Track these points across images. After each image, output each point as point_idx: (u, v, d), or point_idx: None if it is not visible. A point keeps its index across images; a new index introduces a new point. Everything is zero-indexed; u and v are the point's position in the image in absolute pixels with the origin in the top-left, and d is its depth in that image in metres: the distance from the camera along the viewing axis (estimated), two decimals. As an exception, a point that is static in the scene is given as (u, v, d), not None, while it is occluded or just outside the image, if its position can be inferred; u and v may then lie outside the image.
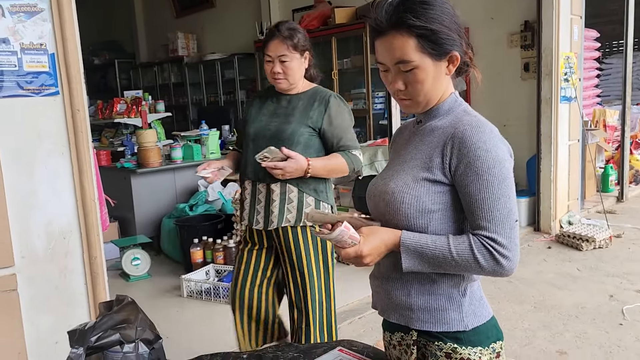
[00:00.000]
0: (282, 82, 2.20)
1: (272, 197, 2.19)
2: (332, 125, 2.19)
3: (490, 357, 1.25)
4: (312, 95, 2.24)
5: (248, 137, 2.26)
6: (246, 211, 2.29)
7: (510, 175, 1.20)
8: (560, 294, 3.64)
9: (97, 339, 1.14)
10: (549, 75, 4.78)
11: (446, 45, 1.20)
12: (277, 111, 2.24)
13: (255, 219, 2.25)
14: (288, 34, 2.17)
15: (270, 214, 2.21)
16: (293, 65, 2.18)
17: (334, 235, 1.16)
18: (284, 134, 2.17)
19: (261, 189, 2.22)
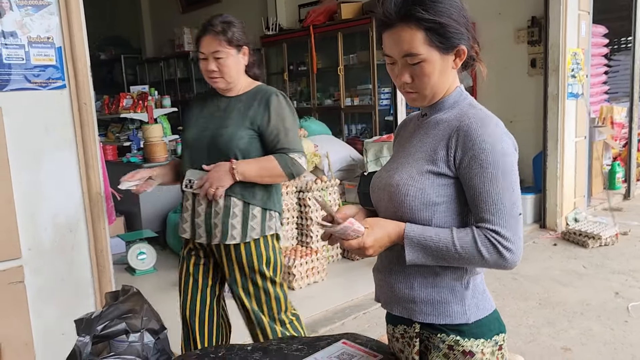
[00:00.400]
0: (218, 81, 2.01)
1: (215, 210, 2.02)
2: (270, 125, 2.01)
3: (493, 350, 1.25)
4: (253, 94, 2.06)
5: (186, 143, 2.09)
6: (187, 223, 2.11)
7: (515, 168, 1.20)
8: (566, 291, 3.63)
9: (103, 327, 1.16)
10: (556, 71, 4.76)
11: (454, 38, 1.20)
12: (215, 114, 2.05)
13: (197, 233, 2.08)
14: (221, 28, 1.98)
15: (214, 227, 2.04)
16: (229, 62, 1.99)
17: (337, 229, 1.16)
18: (221, 139, 1.99)
19: (201, 200, 2.04)
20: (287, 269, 3.70)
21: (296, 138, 2.08)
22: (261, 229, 2.07)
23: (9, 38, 2.02)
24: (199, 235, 2.08)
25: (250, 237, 2.05)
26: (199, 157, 2.01)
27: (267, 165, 2.00)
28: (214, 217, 2.03)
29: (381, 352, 1.50)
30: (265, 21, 6.70)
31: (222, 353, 1.55)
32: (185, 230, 2.13)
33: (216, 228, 2.03)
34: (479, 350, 1.23)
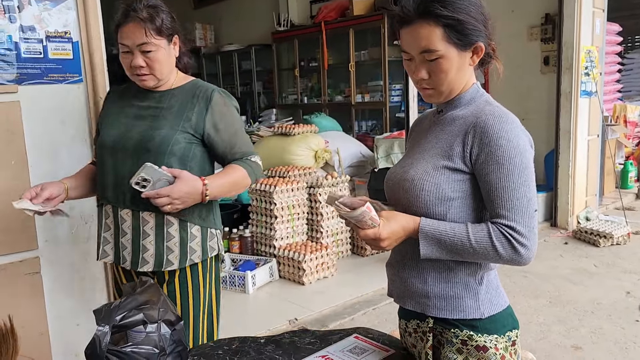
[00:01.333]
0: (147, 79, 1.68)
1: (145, 230, 1.69)
2: (219, 129, 1.73)
3: (506, 345, 1.26)
4: (189, 90, 1.75)
5: (104, 147, 1.73)
6: (110, 244, 1.77)
7: (531, 165, 1.20)
8: (576, 290, 3.62)
9: (121, 318, 1.18)
10: (569, 69, 4.73)
11: (472, 35, 1.20)
12: (143, 112, 1.72)
13: (122, 256, 1.74)
14: (148, 14, 1.63)
15: (143, 250, 1.70)
16: (159, 56, 1.66)
17: (355, 214, 1.17)
18: (152, 143, 1.66)
19: (125, 217, 1.70)
20: (297, 264, 3.72)
21: (248, 138, 1.85)
22: (202, 250, 1.76)
23: (27, 32, 2.05)
24: (123, 258, 1.74)
25: (191, 260, 1.74)
26: (124, 163, 1.68)
27: (237, 180, 1.73)
28: (143, 238, 1.69)
29: (393, 346, 1.51)
30: (277, 17, 6.70)
31: (236, 345, 1.57)
32: (107, 253, 1.77)
33: (146, 252, 1.70)
34: (492, 345, 1.24)
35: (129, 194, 1.67)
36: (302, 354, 1.48)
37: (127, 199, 1.69)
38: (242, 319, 3.26)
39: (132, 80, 1.72)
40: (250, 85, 7.57)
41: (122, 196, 1.70)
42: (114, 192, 1.71)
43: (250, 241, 4.05)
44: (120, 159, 1.69)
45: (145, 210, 1.68)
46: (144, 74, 1.67)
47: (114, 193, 1.71)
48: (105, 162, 1.73)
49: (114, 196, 1.72)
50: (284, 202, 3.92)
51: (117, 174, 1.70)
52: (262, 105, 7.46)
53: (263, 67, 7.40)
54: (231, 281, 3.67)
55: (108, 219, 1.76)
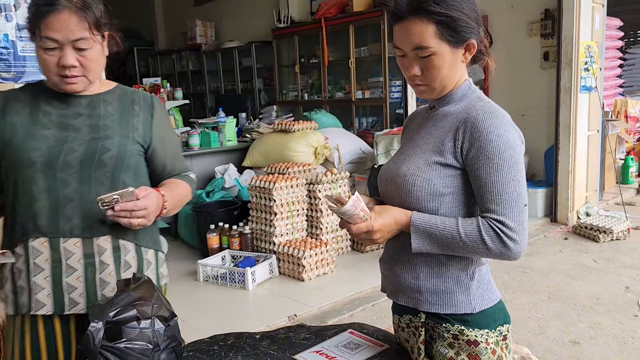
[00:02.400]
0: (77, 81, 1.38)
1: (103, 260, 1.43)
2: (165, 141, 1.56)
3: (497, 340, 1.27)
4: (123, 96, 1.52)
5: (31, 167, 1.38)
6: (45, 291, 1.40)
7: (521, 160, 1.21)
8: (575, 285, 3.62)
9: (115, 314, 1.19)
10: (569, 64, 4.72)
11: (464, 32, 1.21)
12: (72, 122, 1.43)
13: (69, 299, 1.41)
14: (83, 3, 1.34)
15: (102, 286, 1.43)
16: (94, 54, 1.38)
17: (346, 208, 1.18)
18: (108, 155, 1.42)
19: (73, 249, 1.40)
20: (296, 260, 3.73)
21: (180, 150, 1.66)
22: (157, 278, 1.57)
23: (23, 31, 2.05)
24: (71, 303, 1.42)
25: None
26: (65, 183, 1.38)
27: (185, 195, 1.57)
28: (100, 271, 1.43)
29: (388, 341, 1.52)
30: (277, 14, 6.70)
31: (231, 341, 1.59)
32: (43, 303, 1.41)
33: (105, 287, 1.44)
34: (483, 339, 1.25)
35: (77, 219, 1.38)
36: (296, 349, 1.50)
37: (76, 225, 1.39)
38: (242, 316, 3.28)
39: (53, 82, 1.39)
40: (250, 82, 7.58)
41: (66, 224, 1.39)
42: (52, 220, 1.38)
43: (250, 238, 4.07)
44: (59, 178, 1.38)
45: (101, 236, 1.42)
46: (74, 75, 1.37)
47: (52, 222, 1.38)
48: (33, 185, 1.38)
49: (51, 226, 1.38)
50: (283, 199, 3.93)
51: (55, 198, 1.38)
52: (262, 102, 7.47)
53: (263, 64, 7.40)
54: (231, 278, 3.69)
55: (39, 258, 1.39)
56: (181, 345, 1.35)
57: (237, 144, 5.27)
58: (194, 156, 4.96)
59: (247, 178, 4.74)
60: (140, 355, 1.21)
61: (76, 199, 1.38)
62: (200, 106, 8.47)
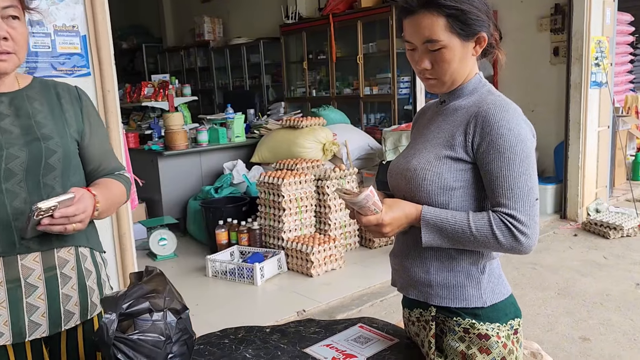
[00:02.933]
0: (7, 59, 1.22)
1: (65, 273, 1.31)
2: (98, 135, 1.42)
3: (508, 334, 1.27)
4: (44, 89, 1.36)
5: None
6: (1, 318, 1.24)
7: (532, 154, 1.20)
8: (585, 281, 3.61)
9: (128, 306, 1.19)
10: (579, 59, 4.69)
11: (475, 25, 1.21)
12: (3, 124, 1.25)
13: (28, 323, 1.26)
14: None
15: (65, 301, 1.30)
16: (23, 29, 1.24)
17: (359, 199, 1.18)
18: (54, 158, 1.28)
19: (32, 264, 1.26)
20: (305, 256, 3.73)
21: None
22: (108, 279, 1.48)
23: (35, 27, 2.07)
24: (31, 327, 1.26)
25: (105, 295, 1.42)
26: (12, 194, 1.23)
27: (119, 196, 1.42)
28: (62, 285, 1.30)
29: (397, 336, 1.52)
30: (285, 10, 6.70)
31: (242, 334, 1.60)
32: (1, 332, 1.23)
33: (68, 302, 1.31)
34: (494, 333, 1.25)
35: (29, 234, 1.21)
36: (307, 343, 1.50)
37: (31, 240, 1.24)
38: (251, 311, 3.29)
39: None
40: (258, 78, 7.58)
41: (21, 239, 1.23)
42: (4, 236, 1.22)
43: (258, 233, 4.08)
44: (5, 189, 1.22)
45: (63, 246, 1.30)
46: (5, 51, 1.20)
47: (4, 238, 1.22)
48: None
49: (4, 242, 1.23)
50: (291, 195, 3.94)
51: (3, 211, 1.22)
52: (270, 99, 7.48)
53: (272, 60, 7.40)
54: (240, 273, 3.70)
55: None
56: (193, 338, 1.36)
57: (245, 140, 5.28)
58: (202, 152, 4.98)
59: (256, 174, 4.75)
60: (153, 347, 1.22)
61: (28, 210, 1.20)
62: (208, 103, 8.49)
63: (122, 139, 2.39)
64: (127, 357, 1.19)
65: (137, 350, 1.20)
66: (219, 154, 5.10)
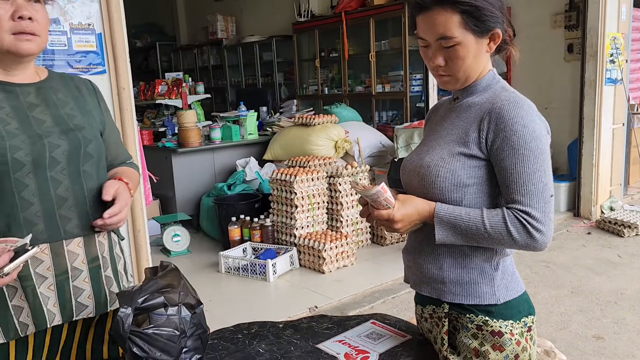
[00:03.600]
0: (33, 39, 1.22)
1: (105, 256, 1.37)
2: (112, 127, 1.48)
3: (522, 331, 1.27)
4: (64, 81, 1.38)
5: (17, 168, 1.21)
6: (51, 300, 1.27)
7: (547, 150, 1.20)
8: (599, 280, 3.58)
9: (143, 300, 1.21)
10: (594, 56, 4.64)
11: (489, 22, 1.20)
12: (30, 113, 1.26)
13: (75, 306, 1.30)
14: None
15: (109, 283, 1.37)
16: (45, 15, 1.27)
17: (371, 192, 1.19)
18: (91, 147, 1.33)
19: (76, 249, 1.30)
20: (317, 252, 3.75)
21: None
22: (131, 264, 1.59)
23: (52, 25, 2.10)
24: (78, 308, 1.31)
25: (130, 282, 1.51)
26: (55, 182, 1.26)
27: (138, 184, 1.49)
28: (104, 269, 1.36)
29: (410, 332, 1.52)
30: (297, 8, 6.70)
31: (255, 330, 1.61)
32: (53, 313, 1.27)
33: (111, 285, 1.38)
34: (507, 330, 1.25)
35: (76, 219, 1.28)
36: (319, 339, 1.51)
37: (75, 224, 1.29)
38: (263, 307, 3.31)
39: (4, 44, 1.20)
40: (271, 76, 7.61)
41: (66, 223, 1.27)
42: (49, 223, 1.25)
43: (271, 230, 4.10)
44: (49, 177, 1.25)
45: (99, 232, 1.35)
46: (31, 32, 1.21)
47: (49, 225, 1.25)
48: (21, 187, 1.22)
49: (50, 229, 1.26)
50: (304, 192, 3.95)
51: (48, 199, 1.25)
52: (283, 96, 7.49)
53: (284, 58, 7.42)
54: (252, 269, 3.72)
55: (40, 267, 1.25)
56: (207, 332, 1.37)
57: (258, 137, 5.30)
58: (215, 149, 5.01)
59: (268, 171, 4.76)
60: (168, 341, 1.24)
61: (70, 197, 1.28)
62: (221, 100, 8.52)
63: (136, 136, 2.41)
64: (143, 351, 1.20)
65: (152, 344, 1.22)
66: (232, 151, 5.12)
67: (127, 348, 1.19)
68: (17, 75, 1.28)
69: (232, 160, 5.06)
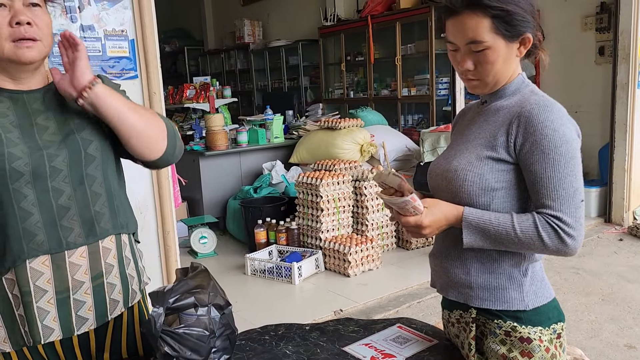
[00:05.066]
0: (33, 45, 1.18)
1: (108, 262, 1.31)
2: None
3: (551, 338, 1.25)
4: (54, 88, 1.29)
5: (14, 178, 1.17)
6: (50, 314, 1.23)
7: (578, 154, 1.18)
8: (631, 288, 3.49)
9: (174, 300, 1.24)
10: (626, 59, 4.55)
11: (520, 26, 1.19)
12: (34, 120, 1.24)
13: (76, 319, 1.27)
14: None
15: (110, 291, 1.31)
16: (46, 19, 1.22)
17: (398, 202, 1.19)
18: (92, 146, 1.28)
19: (79, 260, 1.25)
20: (342, 256, 3.75)
21: None
22: (144, 268, 1.49)
23: (87, 31, 2.16)
24: (78, 321, 1.27)
25: (145, 282, 1.47)
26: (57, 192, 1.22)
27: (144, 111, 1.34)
28: (107, 276, 1.30)
29: (436, 337, 1.52)
30: (324, 12, 6.73)
31: (282, 331, 1.62)
32: (52, 328, 1.24)
33: (113, 291, 1.32)
34: (536, 337, 1.24)
35: (78, 227, 1.24)
36: (345, 342, 1.52)
37: (78, 233, 1.24)
38: (288, 309, 3.33)
39: (4, 52, 1.16)
40: (297, 80, 7.65)
41: (68, 234, 1.23)
42: (50, 234, 1.21)
43: (296, 233, 4.12)
44: (50, 188, 1.21)
45: (105, 237, 1.30)
46: (31, 37, 1.16)
47: (50, 236, 1.21)
48: (20, 197, 1.18)
49: (51, 240, 1.22)
50: (329, 195, 3.97)
51: (48, 209, 1.21)
52: (308, 100, 7.53)
53: (310, 62, 7.46)
54: (278, 272, 3.75)
55: (40, 280, 1.21)
56: (235, 333, 1.40)
57: (284, 141, 5.34)
58: (242, 153, 5.06)
59: (294, 174, 4.79)
60: (198, 340, 1.26)
61: (72, 206, 1.23)
62: (248, 104, 8.61)
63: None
64: (173, 350, 1.23)
65: (182, 343, 1.24)
66: (258, 155, 5.17)
67: (159, 347, 1.22)
68: (25, 82, 1.25)
69: (258, 164, 5.11)
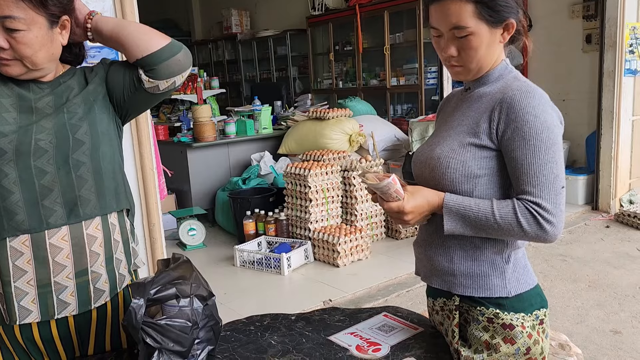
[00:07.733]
0: (10, 64, 1.20)
1: (94, 250, 1.28)
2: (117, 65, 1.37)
3: (533, 324, 1.26)
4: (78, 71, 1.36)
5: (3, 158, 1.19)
6: (29, 296, 1.24)
7: (559, 141, 1.18)
8: (617, 274, 3.53)
9: (155, 292, 1.22)
10: (613, 46, 4.56)
11: (504, 12, 1.19)
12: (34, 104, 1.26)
13: (57, 303, 1.26)
14: None
15: (94, 280, 1.30)
16: (29, 39, 1.18)
17: (380, 185, 1.19)
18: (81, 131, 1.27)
19: (60, 242, 1.24)
20: (331, 246, 3.75)
21: None
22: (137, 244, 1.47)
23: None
24: (60, 305, 1.27)
25: (136, 265, 1.44)
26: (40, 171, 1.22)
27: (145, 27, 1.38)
28: (91, 263, 1.29)
29: (422, 325, 1.52)
30: (311, 1, 6.69)
31: (267, 321, 1.62)
32: (29, 309, 1.24)
33: (98, 280, 1.31)
34: (519, 323, 1.24)
35: (60, 209, 1.23)
36: (331, 331, 1.52)
37: (60, 215, 1.23)
38: (277, 300, 3.33)
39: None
40: (285, 70, 7.61)
41: (50, 214, 1.23)
42: (32, 214, 1.21)
43: (285, 224, 4.11)
44: (34, 167, 1.21)
45: (88, 218, 1.27)
46: (5, 58, 1.19)
47: (32, 216, 1.21)
48: (1, 175, 1.19)
49: (32, 220, 1.21)
50: (318, 186, 3.96)
51: (30, 189, 1.21)
52: (297, 90, 7.50)
53: (298, 52, 7.42)
54: (267, 263, 3.74)
55: (20, 260, 1.21)
56: (219, 324, 1.39)
57: (272, 131, 5.32)
58: (230, 144, 5.04)
59: (283, 165, 4.77)
60: (180, 332, 1.25)
61: (55, 188, 1.23)
62: (236, 95, 8.56)
63: (151, 132, 2.43)
64: (155, 341, 1.22)
65: (164, 334, 1.23)
66: (247, 146, 5.15)
67: (140, 338, 1.21)
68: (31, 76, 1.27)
69: (246, 155, 5.09)
